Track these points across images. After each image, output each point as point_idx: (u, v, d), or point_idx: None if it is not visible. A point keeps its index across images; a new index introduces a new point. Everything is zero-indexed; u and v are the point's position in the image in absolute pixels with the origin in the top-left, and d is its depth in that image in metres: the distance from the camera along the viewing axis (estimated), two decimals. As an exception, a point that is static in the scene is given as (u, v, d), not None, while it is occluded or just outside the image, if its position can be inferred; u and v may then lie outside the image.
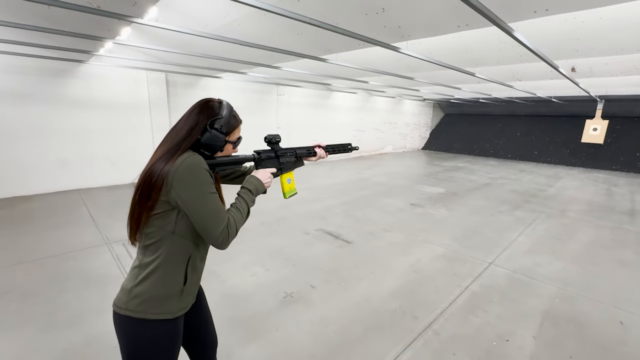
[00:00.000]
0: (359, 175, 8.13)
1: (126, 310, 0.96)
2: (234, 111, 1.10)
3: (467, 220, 4.73)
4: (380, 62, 4.94)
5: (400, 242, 3.80)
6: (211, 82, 7.36)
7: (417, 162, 11.00)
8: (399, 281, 2.91)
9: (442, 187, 6.97)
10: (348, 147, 1.56)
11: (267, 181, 1.19)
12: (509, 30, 2.38)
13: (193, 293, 1.09)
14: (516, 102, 11.49)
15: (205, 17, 3.43)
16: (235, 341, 2.08)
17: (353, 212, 4.93)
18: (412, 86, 7.85)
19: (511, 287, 2.88)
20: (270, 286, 2.75)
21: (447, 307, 2.53)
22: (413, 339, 2.15)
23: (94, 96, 5.72)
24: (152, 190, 0.92)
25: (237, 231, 1.02)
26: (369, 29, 3.09)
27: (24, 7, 2.97)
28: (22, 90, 5.04)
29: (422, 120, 15.37)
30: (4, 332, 2.10)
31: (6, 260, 3.06)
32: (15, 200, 5.01)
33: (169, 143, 0.98)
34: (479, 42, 3.90)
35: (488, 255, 3.53)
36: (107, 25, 3.24)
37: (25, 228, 3.87)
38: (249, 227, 4.10)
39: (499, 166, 10.58)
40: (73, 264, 3.02)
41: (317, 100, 9.99)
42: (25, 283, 2.68)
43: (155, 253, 0.97)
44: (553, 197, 6.35)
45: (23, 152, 5.17)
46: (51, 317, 2.26)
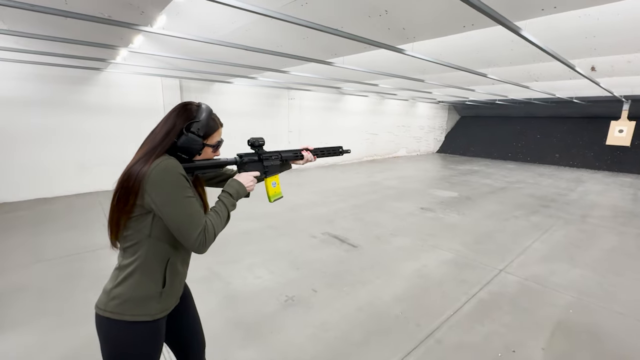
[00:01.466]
0: (370, 178, 8.06)
1: (105, 312, 0.97)
2: (213, 114, 1.09)
3: (479, 225, 4.59)
4: (389, 64, 4.90)
5: (408, 247, 3.73)
6: (223, 87, 7.51)
7: (431, 166, 10.80)
8: (403, 286, 2.85)
9: (455, 191, 6.81)
10: (339, 150, 1.53)
11: (250, 185, 1.17)
12: (515, 29, 2.31)
13: (175, 296, 1.09)
14: (535, 104, 11.11)
15: (213, 24, 3.52)
16: (233, 343, 2.09)
17: (362, 215, 4.88)
18: (424, 88, 7.74)
19: (522, 295, 2.76)
20: (273, 289, 2.75)
21: (453, 314, 2.45)
22: (414, 347, 2.09)
23: (112, 102, 5.95)
24: (129, 194, 0.93)
25: (216, 235, 1.01)
26: (373, 31, 3.08)
27: (44, 19, 3.13)
28: (45, 97, 5.31)
29: (437, 123, 15.11)
30: (19, 326, 2.20)
31: (25, 258, 3.21)
32: (37, 202, 5.27)
33: (146, 146, 0.99)
34: (489, 41, 3.81)
35: (499, 261, 3.40)
36: (119, 34, 3.37)
37: (45, 228, 4.05)
38: (256, 230, 4.14)
39: (517, 169, 10.24)
40: (86, 263, 3.13)
41: (328, 104, 10.01)
42: (41, 281, 2.80)
43: (134, 255, 0.98)
44: (574, 202, 6.08)
45: (45, 156, 5.43)
46: (63, 314, 2.34)
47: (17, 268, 3.02)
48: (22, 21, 3.45)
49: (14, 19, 3.42)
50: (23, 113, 5.16)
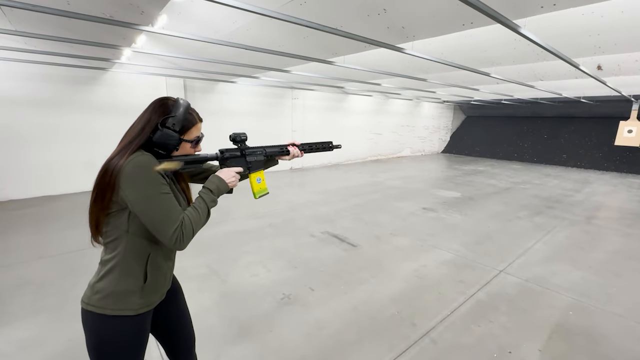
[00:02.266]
0: (373, 178, 8.04)
1: (88, 305, 0.99)
2: (190, 109, 1.09)
3: (481, 225, 4.55)
4: (391, 63, 4.88)
5: (407, 247, 3.71)
6: (227, 86, 7.56)
7: (435, 166, 10.73)
8: (400, 286, 2.84)
9: (458, 191, 6.75)
10: (329, 145, 1.51)
11: (231, 180, 1.15)
12: (514, 27, 2.28)
13: (159, 291, 1.10)
14: (542, 103, 10.96)
15: (215, 24, 3.54)
16: (227, 339, 2.10)
17: (362, 215, 4.88)
18: (427, 88, 7.69)
19: (521, 296, 2.73)
20: (270, 287, 2.77)
21: (449, 314, 2.44)
22: (408, 346, 2.09)
23: (117, 102, 6.04)
24: (105, 190, 0.94)
25: (194, 231, 1.00)
26: (372, 30, 3.07)
27: (48, 19, 3.19)
28: (52, 96, 5.41)
29: (442, 123, 14.99)
30: (17, 321, 2.24)
31: (29, 254, 3.27)
32: (44, 199, 5.37)
33: (122, 142, 1.00)
34: (491, 40, 3.77)
35: (499, 262, 3.37)
36: (121, 34, 3.41)
37: (49, 225, 4.13)
38: (256, 229, 4.16)
39: (523, 170, 10.11)
40: (88, 260, 3.18)
41: (332, 104, 10.01)
42: (43, 276, 2.86)
43: (114, 251, 0.99)
44: (579, 203, 5.98)
45: (52, 154, 5.53)
46: (61, 309, 2.38)
47: (20, 264, 3.08)
48: (28, 22, 3.52)
49: (20, 20, 3.49)
50: (31, 112, 5.26)
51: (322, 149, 1.49)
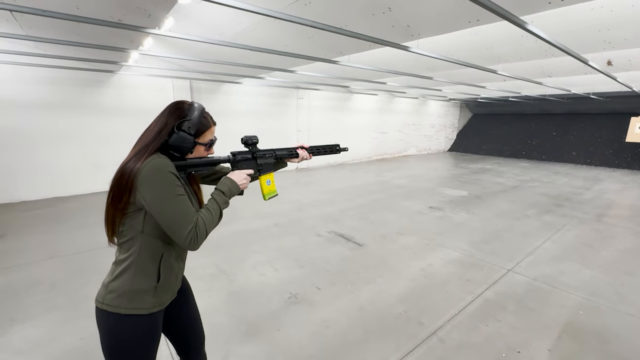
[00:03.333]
0: (378, 177, 8.02)
1: (103, 304, 1.01)
2: (205, 113, 1.11)
3: (488, 224, 4.51)
4: (397, 62, 4.86)
5: (414, 246, 3.70)
6: (232, 87, 7.60)
7: (441, 164, 10.66)
8: (407, 286, 2.83)
9: (465, 189, 6.70)
10: (336, 147, 1.52)
11: (242, 182, 1.17)
12: (520, 24, 2.26)
13: (170, 291, 1.12)
14: (550, 100, 10.80)
15: (220, 25, 3.57)
16: (235, 338, 2.12)
17: (368, 214, 4.87)
18: (433, 86, 7.64)
19: (530, 295, 2.70)
20: (277, 286, 2.78)
21: (456, 314, 2.43)
22: (415, 346, 2.08)
23: (125, 104, 6.12)
24: (123, 192, 0.96)
25: (208, 232, 1.02)
26: (377, 29, 3.06)
27: (58, 24, 3.25)
28: (62, 99, 5.51)
29: (449, 121, 14.88)
30: (30, 319, 2.30)
31: (41, 254, 3.34)
32: (55, 200, 5.47)
33: (139, 144, 1.02)
34: (497, 37, 3.74)
35: (507, 261, 3.34)
36: (129, 37, 3.46)
37: (61, 226, 4.21)
38: (263, 228, 4.18)
39: (531, 168, 9.98)
40: (98, 259, 3.23)
41: (337, 103, 10.00)
42: (55, 276, 2.91)
43: (129, 251, 1.02)
44: (589, 201, 5.89)
45: (62, 156, 5.63)
46: (73, 308, 2.43)
47: (33, 263, 3.15)
48: (38, 26, 3.59)
49: (31, 25, 3.56)
50: (41, 115, 5.36)
51: (330, 151, 1.51)
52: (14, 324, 2.24)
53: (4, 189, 5.23)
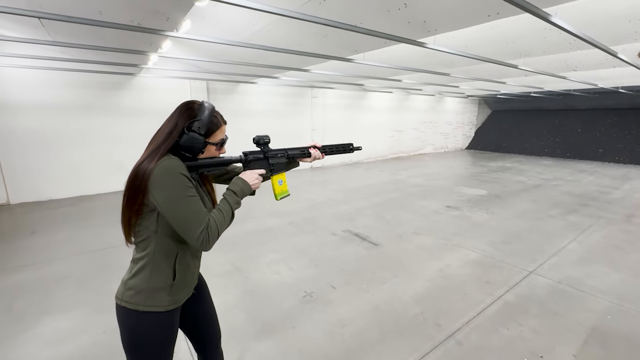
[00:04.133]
0: (394, 176, 7.92)
1: (122, 301, 1.04)
2: (215, 112, 1.11)
3: (509, 224, 4.37)
4: (412, 59, 4.78)
5: (431, 246, 3.63)
6: (247, 87, 7.69)
7: (459, 163, 10.41)
8: (424, 286, 2.78)
9: (484, 188, 6.52)
10: (349, 147, 1.50)
11: (254, 182, 1.17)
12: (544, 16, 2.17)
13: (186, 288, 1.14)
14: (575, 95, 10.36)
15: (236, 26, 3.61)
16: (251, 335, 2.15)
17: (384, 214, 4.82)
18: (451, 82, 7.46)
19: (553, 299, 2.60)
20: (292, 285, 2.80)
21: (475, 316, 2.37)
22: (433, 347, 2.05)
23: (145, 105, 6.31)
24: (137, 194, 0.98)
25: (219, 233, 1.03)
26: (393, 26, 3.02)
27: (83, 29, 3.38)
28: (87, 102, 5.73)
29: (466, 118, 14.52)
30: (61, 312, 2.41)
31: (68, 250, 3.50)
32: (80, 199, 5.71)
33: (151, 146, 1.03)
34: (519, 30, 3.60)
35: (529, 263, 3.23)
36: (149, 40, 3.56)
37: (86, 223, 4.39)
38: (278, 227, 4.22)
39: (554, 166, 9.61)
40: (122, 256, 3.34)
41: (351, 101, 9.94)
42: (81, 271, 3.04)
43: (145, 250, 1.04)
44: (618, 201, 5.61)
45: (87, 156, 5.87)
46: (97, 303, 2.53)
47: (61, 259, 3.30)
48: (64, 32, 3.74)
49: (58, 31, 3.71)
50: (68, 117, 5.60)
51: (343, 151, 1.48)
52: (43, 316, 2.36)
53: (34, 188, 5.50)
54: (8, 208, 5.17)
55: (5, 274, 2.97)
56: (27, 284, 2.81)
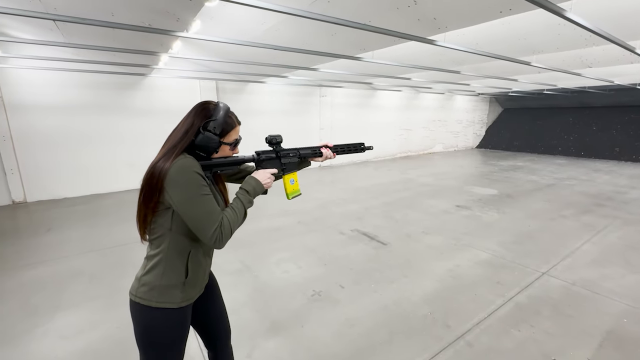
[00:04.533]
0: (403, 175, 7.86)
1: (136, 297, 1.06)
2: (230, 113, 1.12)
3: (520, 224, 4.29)
4: (422, 56, 4.73)
5: (440, 246, 3.59)
6: (256, 87, 7.73)
7: (469, 162, 10.27)
8: (433, 286, 2.76)
9: (495, 188, 6.42)
10: (360, 146, 1.49)
11: (267, 182, 1.18)
12: (558, 11, 2.12)
13: (198, 286, 1.15)
14: (590, 92, 10.09)
15: (245, 26, 3.63)
16: (260, 333, 2.17)
17: (392, 213, 4.79)
18: (461, 80, 7.36)
19: (567, 300, 2.54)
20: (300, 284, 2.81)
21: (486, 317, 2.33)
22: (442, 348, 2.03)
23: (156, 105, 6.40)
24: (153, 192, 0.99)
25: (232, 231, 1.04)
26: (402, 23, 2.99)
27: (95, 30, 3.44)
28: (99, 102, 5.85)
29: (477, 117, 14.30)
30: (73, 307, 2.47)
31: (81, 248, 3.58)
32: (92, 197, 5.83)
33: (167, 145, 1.05)
34: (531, 26, 3.53)
35: (542, 264, 3.16)
36: (159, 41, 3.61)
37: (99, 221, 4.48)
38: (286, 226, 4.23)
39: (568, 165, 9.39)
40: (133, 253, 3.41)
41: (360, 100, 9.90)
42: (93, 268, 3.11)
43: (159, 247, 1.05)
44: (635, 201, 5.45)
45: (99, 156, 5.99)
46: (110, 298, 2.58)
47: (74, 256, 3.37)
48: (78, 34, 3.82)
49: (72, 33, 3.80)
50: (82, 118, 5.73)
51: (355, 150, 1.48)
52: (58, 311, 2.42)
53: (49, 187, 5.65)
54: (25, 206, 5.32)
55: (23, 270, 3.06)
56: (42, 279, 2.89)
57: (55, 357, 1.96)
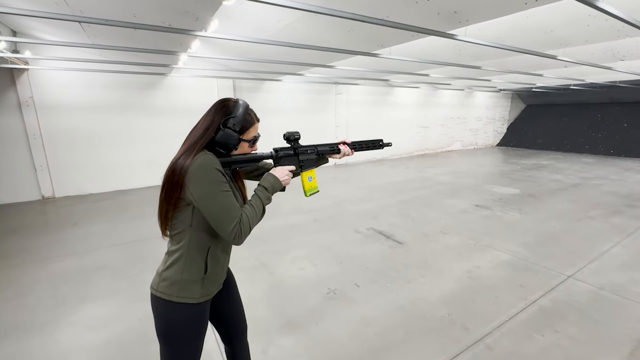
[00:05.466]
0: (420, 173, 7.73)
1: (157, 291, 1.08)
2: (249, 110, 1.13)
3: (544, 225, 4.12)
4: (441, 52, 4.62)
5: (458, 246, 3.51)
6: (273, 85, 7.78)
7: (489, 160, 9.97)
8: (451, 287, 2.69)
9: (516, 187, 6.20)
10: (379, 143, 1.47)
11: (285, 178, 1.19)
12: (589, 1, 2.00)
13: (217, 282, 1.16)
14: (621, 87, 9.57)
15: (261, 24, 3.65)
16: (275, 329, 2.18)
17: (409, 212, 4.71)
18: (481, 76, 7.14)
19: (595, 306, 2.42)
20: (316, 281, 2.81)
21: (507, 320, 2.26)
22: (460, 351, 1.98)
23: (175, 104, 6.56)
24: (174, 189, 1.01)
25: (251, 228, 1.05)
26: (421, 18, 2.92)
27: (120, 32, 3.55)
28: (122, 102, 6.05)
29: (498, 114, 13.85)
30: (98, 299, 2.56)
31: (104, 242, 3.72)
32: (115, 193, 6.05)
33: (188, 142, 1.06)
34: (559, 18, 3.37)
35: (568, 266, 3.03)
36: (179, 41, 3.68)
37: (121, 216, 4.64)
38: (302, 224, 4.24)
39: (596, 164, 8.95)
40: (154, 247, 3.51)
41: (376, 97, 9.78)
42: (116, 261, 3.22)
43: (180, 243, 1.07)
44: (670, 202, 5.13)
45: (122, 153, 6.20)
46: (132, 291, 2.67)
47: (98, 250, 3.51)
48: (102, 35, 3.95)
49: (97, 34, 3.93)
50: (106, 117, 5.95)
51: (373, 147, 1.46)
52: (83, 302, 2.52)
53: (76, 183, 5.90)
54: (53, 201, 5.58)
55: (51, 262, 3.21)
56: (69, 271, 3.02)
57: (81, 347, 2.05)
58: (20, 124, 5.34)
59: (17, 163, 5.43)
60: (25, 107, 5.30)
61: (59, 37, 4.66)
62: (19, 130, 5.35)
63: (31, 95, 5.31)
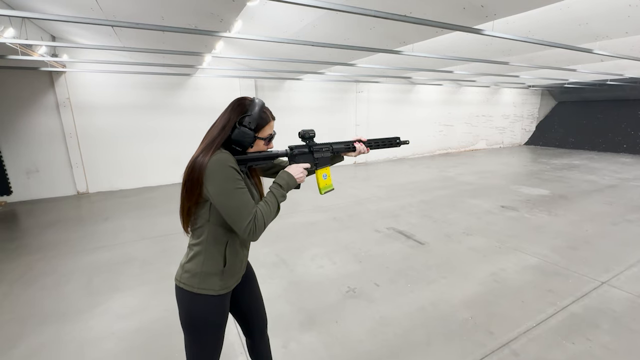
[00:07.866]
0: (442, 173, 7.54)
1: (180, 283, 1.13)
2: (265, 108, 1.14)
3: (576, 228, 3.92)
4: (466, 47, 4.48)
5: (483, 248, 3.40)
6: (293, 84, 7.84)
7: (516, 160, 9.58)
8: (475, 290, 2.62)
9: (546, 188, 5.92)
10: (396, 140, 1.44)
11: (300, 176, 1.20)
12: (630, -10, 1.88)
13: (235, 275, 1.20)
14: (665, 82, 8.88)
15: (283, 24, 3.69)
16: (295, 326, 2.21)
17: (430, 212, 4.62)
18: (509, 72, 6.86)
19: (632, 314, 2.28)
20: (335, 279, 2.81)
21: (534, 326, 2.17)
22: (484, 355, 1.92)
23: (199, 103, 6.75)
24: (195, 186, 1.04)
25: (266, 224, 1.07)
26: (445, 13, 2.85)
27: (148, 35, 3.70)
28: (149, 102, 6.30)
29: (526, 111, 13.27)
30: (127, 289, 2.70)
31: (133, 236, 3.90)
32: (141, 190, 6.32)
33: (206, 140, 1.09)
34: (595, 9, 3.18)
35: (602, 272, 2.87)
36: (204, 42, 3.79)
37: (148, 212, 4.85)
38: (321, 222, 4.26)
39: (635, 164, 8.39)
40: (179, 242, 3.64)
41: (397, 95, 9.63)
42: (144, 254, 3.37)
43: (200, 237, 1.11)
44: None
45: (149, 151, 6.47)
46: (159, 283, 2.79)
47: (127, 243, 3.68)
48: (132, 38, 4.13)
49: (128, 37, 4.12)
50: (136, 116, 6.22)
51: (389, 145, 1.44)
52: (115, 292, 2.66)
53: (107, 179, 6.22)
54: (87, 196, 5.90)
55: (85, 254, 3.41)
56: (101, 263, 3.19)
57: (112, 334, 2.16)
58: (58, 124, 5.69)
59: (55, 160, 5.79)
60: (63, 107, 5.63)
61: (93, 40, 4.92)
62: (57, 129, 5.70)
63: (68, 97, 5.64)
